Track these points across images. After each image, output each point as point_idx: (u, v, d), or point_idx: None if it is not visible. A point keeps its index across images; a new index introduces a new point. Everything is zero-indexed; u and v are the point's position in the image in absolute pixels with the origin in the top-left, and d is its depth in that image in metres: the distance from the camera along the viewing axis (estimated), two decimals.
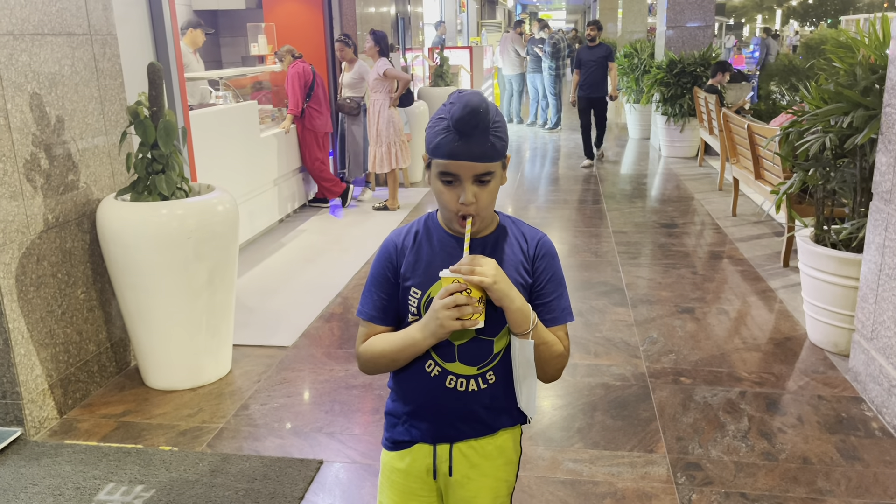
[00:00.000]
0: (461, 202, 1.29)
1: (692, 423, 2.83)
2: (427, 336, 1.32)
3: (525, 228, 1.43)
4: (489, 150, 1.27)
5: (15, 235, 2.72)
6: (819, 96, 3.51)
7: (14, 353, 2.71)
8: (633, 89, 10.26)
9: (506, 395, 1.41)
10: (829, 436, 2.73)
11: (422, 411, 1.42)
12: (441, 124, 1.28)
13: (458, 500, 1.46)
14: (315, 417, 2.93)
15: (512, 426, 1.47)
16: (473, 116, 1.24)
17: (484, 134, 1.26)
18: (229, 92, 5.84)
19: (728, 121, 6.11)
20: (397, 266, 1.40)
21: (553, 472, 2.53)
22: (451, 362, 1.37)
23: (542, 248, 1.40)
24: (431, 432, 1.42)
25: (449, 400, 1.39)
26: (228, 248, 3.17)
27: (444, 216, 1.36)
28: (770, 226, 5.70)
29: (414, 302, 1.37)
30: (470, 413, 1.40)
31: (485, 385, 1.39)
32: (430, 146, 1.30)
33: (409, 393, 1.43)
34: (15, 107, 2.70)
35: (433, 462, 1.43)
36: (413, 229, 1.43)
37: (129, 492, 2.44)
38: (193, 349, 3.15)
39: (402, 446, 1.45)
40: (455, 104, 1.26)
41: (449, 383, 1.38)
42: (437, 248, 1.38)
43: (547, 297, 1.39)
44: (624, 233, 5.59)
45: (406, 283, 1.38)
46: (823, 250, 3.37)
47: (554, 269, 1.40)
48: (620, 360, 3.40)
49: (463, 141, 1.25)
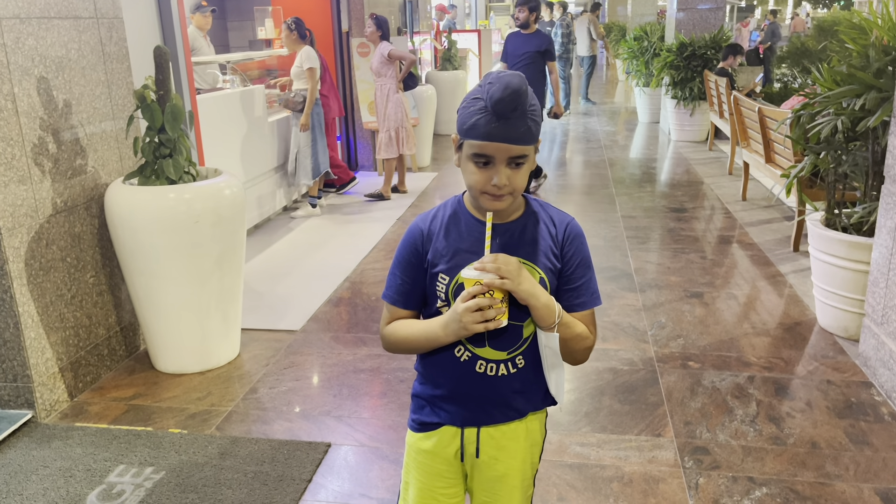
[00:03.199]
0: (494, 184, 1.26)
1: (700, 408, 2.82)
2: (449, 334, 1.32)
3: (553, 212, 1.41)
4: (526, 133, 1.25)
5: (24, 220, 2.73)
6: (831, 78, 3.46)
7: (24, 337, 2.73)
8: (642, 73, 10.17)
9: (535, 379, 1.40)
10: (838, 420, 2.72)
11: (451, 396, 1.41)
12: (477, 104, 1.25)
13: (484, 480, 1.46)
14: (323, 401, 2.94)
15: (539, 409, 1.46)
16: (514, 99, 1.21)
17: (522, 117, 1.23)
18: (237, 76, 5.82)
19: (739, 104, 6.05)
20: (423, 252, 1.38)
21: (560, 456, 2.53)
22: (482, 347, 1.36)
23: (570, 233, 1.38)
24: (460, 416, 1.42)
25: (479, 385, 1.38)
26: (236, 232, 3.17)
27: (473, 196, 1.33)
28: (780, 210, 5.66)
29: (442, 288, 1.35)
30: (500, 398, 1.40)
31: (514, 370, 1.38)
32: (464, 127, 1.26)
33: (438, 377, 1.42)
34: (22, 91, 2.70)
35: (461, 444, 1.43)
36: (440, 214, 1.40)
37: (139, 474, 2.46)
38: (202, 333, 3.16)
39: (430, 428, 1.45)
40: (494, 84, 1.23)
41: (479, 368, 1.37)
42: (465, 233, 1.36)
43: (576, 282, 1.38)
44: (633, 217, 5.56)
45: (434, 269, 1.36)
46: (834, 234, 3.34)
47: (583, 254, 1.39)
48: (629, 344, 3.39)
49: (501, 123, 1.23)
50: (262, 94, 5.44)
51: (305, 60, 5.49)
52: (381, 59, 6.16)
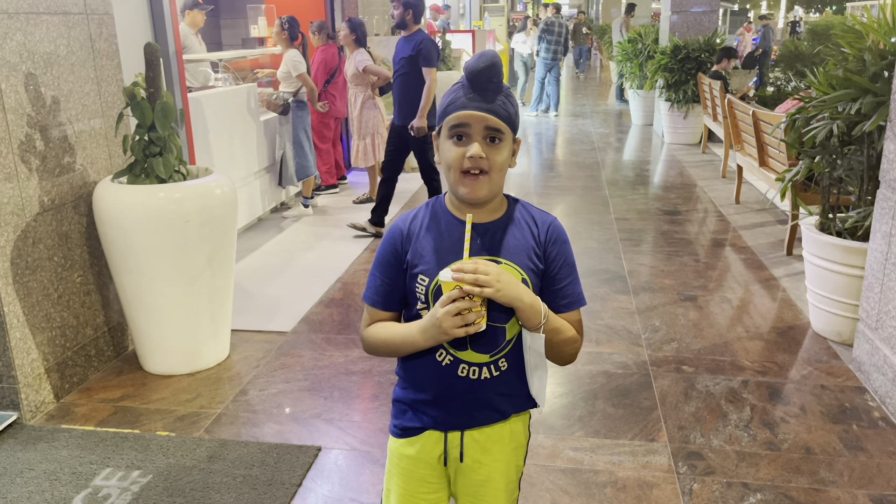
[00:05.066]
0: (469, 155, 1.27)
1: (694, 412, 2.80)
2: (428, 339, 1.30)
3: (535, 212, 1.39)
4: (501, 106, 1.28)
5: (10, 218, 2.68)
6: (827, 82, 3.45)
7: (10, 337, 2.68)
8: (636, 75, 10.17)
9: (519, 382, 1.38)
10: (832, 426, 2.71)
11: (433, 400, 1.38)
12: (455, 86, 1.31)
13: (468, 484, 1.43)
14: (314, 403, 2.91)
15: (523, 411, 1.44)
16: (489, 69, 1.26)
17: (497, 90, 1.28)
18: (229, 74, 5.77)
19: (732, 107, 6.05)
20: (403, 252, 1.36)
21: (553, 461, 2.50)
22: (463, 350, 1.33)
23: (553, 233, 1.37)
24: (443, 420, 1.39)
25: (461, 389, 1.35)
26: (226, 232, 3.13)
27: (453, 184, 1.31)
28: (774, 213, 5.66)
29: (421, 289, 1.33)
30: (483, 401, 1.37)
31: (497, 372, 1.35)
32: (442, 109, 1.31)
33: (420, 382, 1.39)
34: (9, 87, 2.66)
35: (444, 449, 1.41)
36: (420, 214, 1.39)
37: (126, 477, 2.42)
38: (191, 334, 3.12)
39: (412, 433, 1.42)
40: (471, 59, 1.29)
41: (461, 372, 1.34)
42: (445, 233, 1.34)
43: (560, 283, 1.36)
44: (626, 220, 5.55)
45: (414, 270, 1.34)
46: (829, 239, 3.33)
47: (566, 254, 1.37)
48: (622, 347, 3.37)
49: (476, 93, 1.27)
50: (254, 93, 5.40)
51: (293, 67, 5.41)
52: (355, 70, 5.86)
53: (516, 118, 1.32)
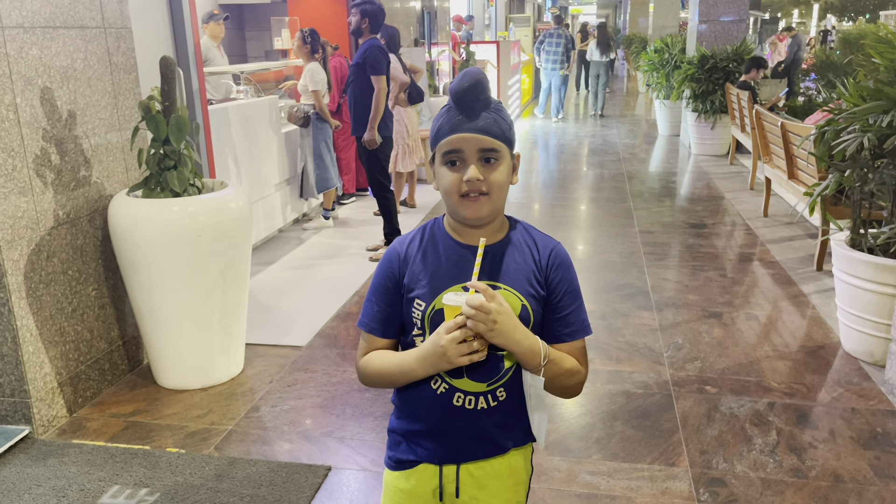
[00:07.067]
0: (466, 179, 1.21)
1: (717, 436, 2.70)
2: (427, 368, 1.23)
3: (537, 236, 1.33)
4: (492, 124, 1.22)
5: (24, 231, 2.68)
6: (857, 93, 3.34)
7: (22, 351, 2.68)
8: (662, 85, 10.04)
9: (518, 413, 1.31)
10: (863, 452, 2.59)
11: (427, 430, 1.32)
12: (442, 110, 1.27)
13: None
14: (326, 421, 2.86)
15: (523, 445, 1.37)
16: (474, 87, 1.21)
17: (486, 108, 1.23)
18: (250, 86, 5.79)
19: (761, 118, 5.91)
20: (399, 276, 1.30)
21: (569, 485, 2.42)
22: (459, 378, 1.27)
23: (556, 259, 1.30)
24: (438, 452, 1.33)
25: (456, 419, 1.29)
26: (241, 246, 3.11)
27: (452, 207, 1.26)
28: (803, 227, 5.51)
29: (417, 314, 1.27)
30: (479, 432, 1.31)
31: (495, 402, 1.29)
32: (434, 135, 1.26)
33: (414, 411, 1.33)
34: (25, 101, 2.66)
35: (439, 483, 1.34)
36: (417, 237, 1.34)
37: (134, 495, 2.39)
38: (205, 348, 3.10)
39: (407, 466, 1.36)
40: (455, 80, 1.25)
41: (456, 401, 1.28)
42: (444, 257, 1.29)
43: (564, 311, 1.29)
44: (651, 233, 5.44)
45: (410, 294, 1.28)
46: (859, 255, 3.21)
47: (570, 281, 1.31)
48: (643, 366, 3.27)
49: (465, 115, 1.22)
50: (275, 105, 5.41)
51: (310, 82, 5.36)
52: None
53: (511, 133, 1.25)
